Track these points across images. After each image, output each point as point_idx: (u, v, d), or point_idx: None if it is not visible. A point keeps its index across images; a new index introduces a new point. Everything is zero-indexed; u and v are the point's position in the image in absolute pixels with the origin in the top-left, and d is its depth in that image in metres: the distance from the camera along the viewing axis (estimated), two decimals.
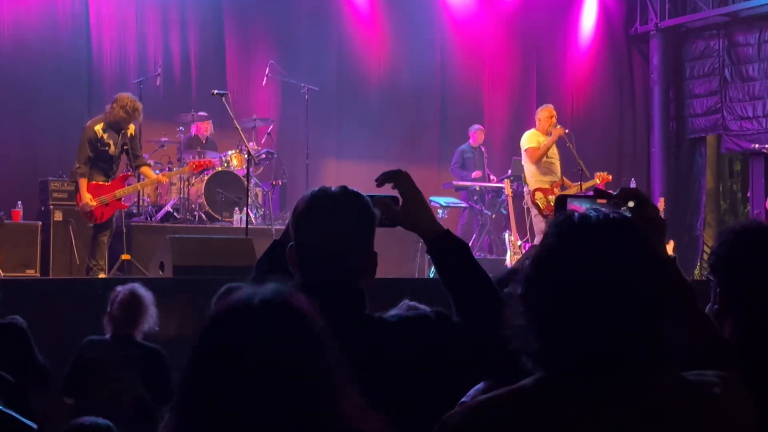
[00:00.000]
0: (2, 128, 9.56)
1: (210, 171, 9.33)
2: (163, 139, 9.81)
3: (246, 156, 8.66)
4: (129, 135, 7.97)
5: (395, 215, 2.12)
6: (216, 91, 8.34)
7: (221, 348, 1.37)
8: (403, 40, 12.26)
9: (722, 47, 13.12)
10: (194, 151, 9.81)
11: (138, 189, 8.65)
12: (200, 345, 1.40)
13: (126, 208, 8.23)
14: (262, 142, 10.32)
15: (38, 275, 8.19)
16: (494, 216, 10.86)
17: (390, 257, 8.53)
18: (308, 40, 11.53)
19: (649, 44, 13.78)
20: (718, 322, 2.03)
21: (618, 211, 1.58)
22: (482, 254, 10.28)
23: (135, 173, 8.26)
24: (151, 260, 7.33)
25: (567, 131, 9.41)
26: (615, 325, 1.38)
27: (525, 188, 9.38)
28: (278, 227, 8.76)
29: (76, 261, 8.33)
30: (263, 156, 9.98)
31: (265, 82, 10.66)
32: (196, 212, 9.39)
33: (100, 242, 7.90)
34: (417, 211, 2.13)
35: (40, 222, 8.57)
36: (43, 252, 8.44)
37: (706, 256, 11.80)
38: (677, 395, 1.42)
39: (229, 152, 9.75)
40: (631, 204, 1.83)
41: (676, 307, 1.46)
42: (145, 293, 4.59)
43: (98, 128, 7.81)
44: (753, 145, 12.31)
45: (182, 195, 9.40)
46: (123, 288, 4.60)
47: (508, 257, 9.37)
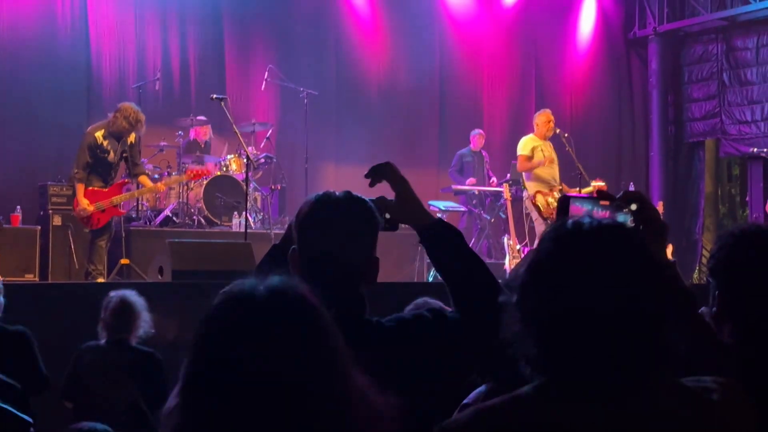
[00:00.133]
0: (1, 133, 9.55)
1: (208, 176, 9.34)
2: (162, 144, 9.80)
3: (245, 160, 8.65)
4: (129, 143, 7.97)
5: (395, 213, 2.12)
6: (215, 96, 8.34)
7: (225, 337, 1.35)
8: (402, 45, 12.27)
9: (721, 51, 13.14)
10: (193, 156, 9.82)
11: (135, 196, 8.65)
12: (204, 333, 1.38)
13: (123, 215, 8.22)
14: (261, 147, 10.32)
15: (37, 280, 8.18)
16: (493, 220, 10.87)
17: (389, 261, 8.52)
18: (307, 45, 11.54)
19: (648, 48, 13.80)
20: (717, 326, 2.03)
21: (614, 217, 1.58)
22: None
23: (133, 181, 8.26)
24: (150, 265, 7.32)
25: (566, 135, 9.43)
26: (612, 332, 1.38)
27: (524, 193, 9.38)
28: (277, 231, 8.76)
29: (75, 265, 8.33)
30: (262, 160, 9.98)
31: (264, 87, 10.66)
32: (195, 216, 9.38)
33: (99, 247, 7.90)
34: (409, 202, 2.13)
35: (39, 226, 8.57)
36: (42, 256, 8.44)
37: (705, 260, 11.80)
38: (676, 401, 1.42)
39: (228, 156, 9.77)
40: (634, 206, 1.84)
41: (675, 312, 1.46)
42: (137, 299, 4.57)
43: (99, 134, 7.80)
44: (751, 149, 12.33)
45: (181, 199, 9.39)
46: (115, 294, 4.58)
47: (507, 261, 9.36)
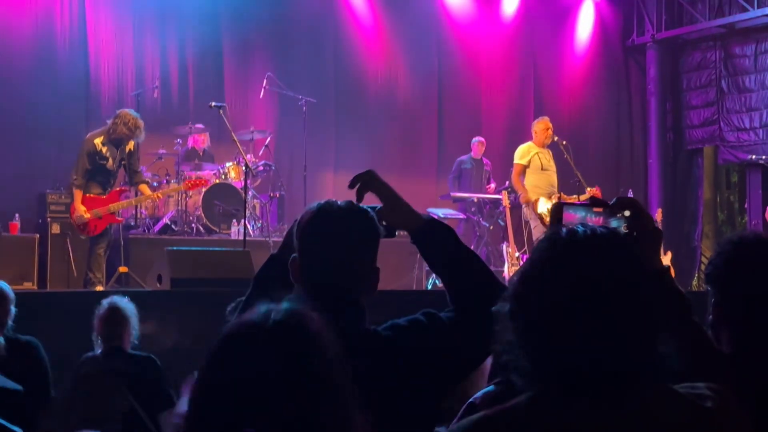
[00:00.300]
0: (0, 141, 9.55)
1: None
2: (161, 151, 9.80)
3: (243, 168, 8.65)
4: (128, 151, 7.97)
5: (387, 219, 2.11)
6: (213, 104, 8.33)
7: (233, 371, 1.35)
8: (401, 53, 12.30)
9: (719, 59, 13.16)
10: (192, 163, 9.82)
11: (133, 204, 8.65)
12: (212, 365, 1.38)
13: (121, 223, 8.21)
14: (260, 155, 10.32)
15: (36, 288, 8.18)
16: (492, 227, 10.87)
17: (388, 269, 8.49)
18: (306, 53, 11.55)
19: (646, 56, 13.82)
20: (715, 333, 2.02)
21: (607, 224, 1.57)
22: None
23: (132, 189, 8.26)
24: (149, 272, 7.31)
25: (564, 143, 9.44)
26: (605, 340, 1.37)
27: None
28: (276, 239, 8.75)
29: (74, 273, 8.32)
30: (261, 168, 9.98)
31: (263, 95, 10.66)
32: (194, 224, 9.38)
33: (97, 254, 7.88)
34: (398, 206, 2.13)
35: (38, 234, 8.57)
36: (41, 265, 8.44)
37: (704, 267, 11.80)
38: (670, 409, 1.41)
39: (227, 164, 9.76)
40: (627, 213, 1.83)
41: (670, 319, 1.46)
42: (126, 305, 4.57)
43: (98, 141, 7.81)
44: (750, 156, 12.33)
45: (180, 207, 9.39)
46: (104, 301, 4.59)
47: (506, 269, 9.36)
